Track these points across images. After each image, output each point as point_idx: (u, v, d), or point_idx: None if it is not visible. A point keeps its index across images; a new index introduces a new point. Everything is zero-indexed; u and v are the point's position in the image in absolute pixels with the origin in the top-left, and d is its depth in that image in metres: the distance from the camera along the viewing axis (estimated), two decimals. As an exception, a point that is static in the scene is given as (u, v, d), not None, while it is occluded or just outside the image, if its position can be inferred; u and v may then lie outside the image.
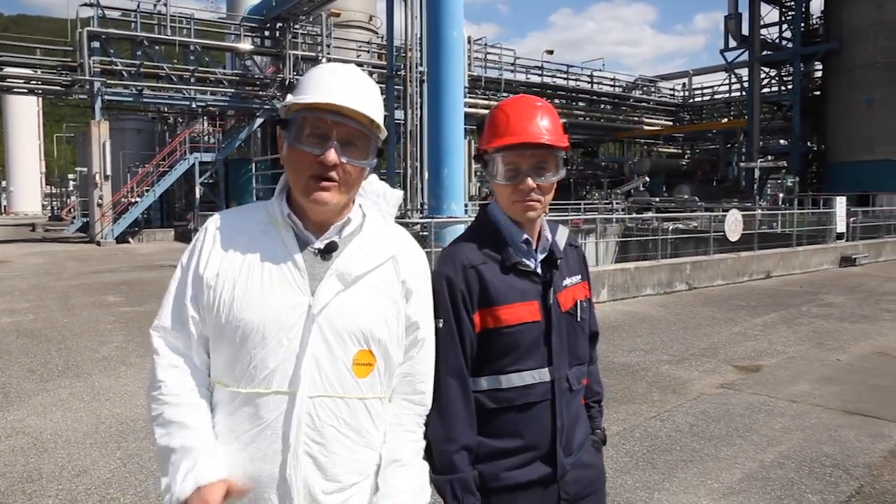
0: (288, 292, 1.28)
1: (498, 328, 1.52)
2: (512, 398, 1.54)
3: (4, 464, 4.01)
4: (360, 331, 1.30)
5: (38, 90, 26.25)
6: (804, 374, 6.10)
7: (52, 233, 31.54)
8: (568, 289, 1.63)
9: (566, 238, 1.70)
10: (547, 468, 1.56)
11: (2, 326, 8.36)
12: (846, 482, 3.77)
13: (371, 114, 1.30)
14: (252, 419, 1.26)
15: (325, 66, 1.36)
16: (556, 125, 1.56)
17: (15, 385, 5.76)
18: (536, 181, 1.53)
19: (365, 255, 1.35)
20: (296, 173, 1.31)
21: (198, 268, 1.32)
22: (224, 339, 1.29)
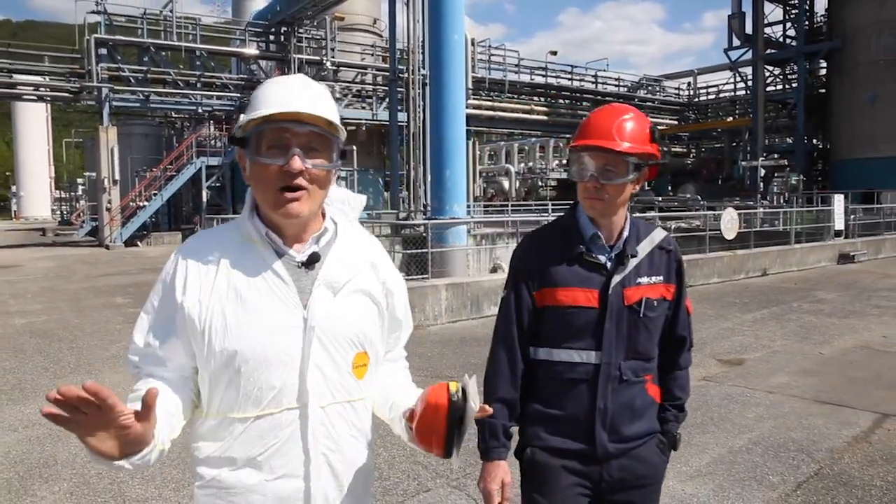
0: (281, 309, 1.28)
1: (555, 306, 1.68)
2: (560, 371, 1.69)
3: (23, 451, 4.33)
4: (355, 334, 1.34)
5: (46, 97, 26.71)
6: (785, 367, 6.33)
7: (61, 237, 32.03)
8: (641, 286, 1.70)
9: (660, 240, 1.77)
10: (584, 444, 1.67)
11: (16, 327, 8.71)
12: (807, 465, 4.01)
13: (327, 116, 1.29)
14: (265, 440, 1.27)
15: (272, 79, 1.36)
16: (637, 133, 1.64)
17: (30, 381, 6.08)
18: (601, 182, 1.64)
19: (346, 262, 1.37)
20: (262, 188, 1.29)
21: (174, 299, 1.29)
22: (219, 367, 1.27)
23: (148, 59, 25.57)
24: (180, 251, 1.35)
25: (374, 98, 30.13)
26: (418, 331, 8.32)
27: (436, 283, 8.89)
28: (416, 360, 6.64)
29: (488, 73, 35.01)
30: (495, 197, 42.47)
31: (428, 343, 7.55)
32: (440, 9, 15.50)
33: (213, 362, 1.26)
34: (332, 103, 1.34)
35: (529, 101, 36.55)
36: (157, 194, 26.44)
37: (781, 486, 3.73)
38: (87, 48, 23.97)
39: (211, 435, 1.29)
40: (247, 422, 1.26)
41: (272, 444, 1.26)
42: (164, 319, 1.29)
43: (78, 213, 42.94)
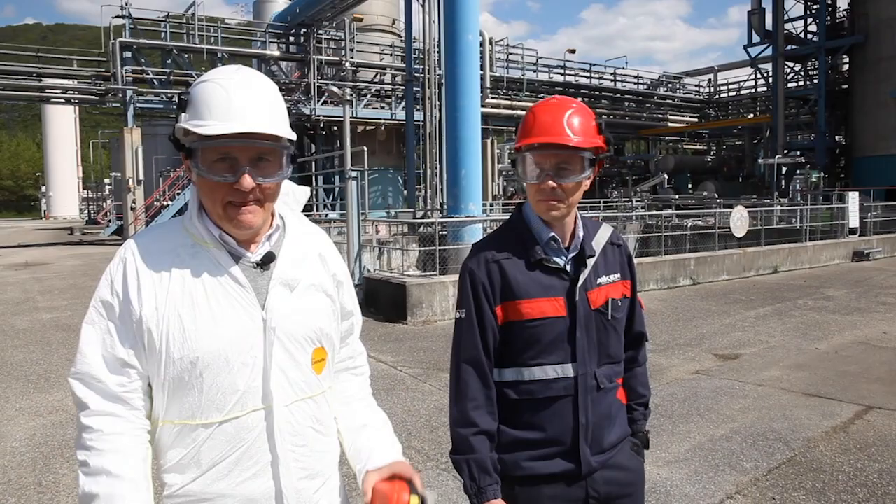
0: (239, 311, 1.27)
1: (520, 321, 1.56)
2: (534, 391, 1.57)
3: (47, 434, 4.68)
4: (313, 331, 1.34)
5: (74, 99, 27.46)
6: (779, 362, 6.46)
7: (88, 236, 32.87)
8: (602, 287, 1.63)
9: (608, 236, 1.70)
10: (569, 464, 1.57)
11: (43, 322, 9.14)
12: (782, 452, 4.19)
13: (276, 130, 1.24)
14: (230, 444, 1.25)
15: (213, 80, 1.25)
16: (586, 126, 1.55)
17: (55, 371, 6.47)
18: (558, 181, 1.54)
19: (298, 259, 1.36)
20: (211, 201, 1.26)
21: (129, 307, 1.24)
22: (178, 374, 1.23)
23: (171, 62, 26.15)
24: (126, 255, 1.28)
25: (392, 98, 30.44)
26: (425, 325, 8.58)
27: (443, 279, 9.14)
28: (420, 353, 6.97)
29: (506, 71, 35.12)
30: (516, 195, 42.60)
31: (433, 337, 7.80)
32: (454, 9, 15.71)
33: (171, 370, 1.23)
34: (280, 107, 1.28)
35: (547, 99, 36.54)
36: (180, 193, 27.04)
37: (753, 471, 3.91)
38: (112, 51, 24.62)
39: (173, 443, 1.26)
40: (211, 427, 1.24)
41: (239, 447, 1.25)
42: (123, 327, 1.24)
43: (104, 213, 44.00)
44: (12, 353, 7.26)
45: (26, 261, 18.83)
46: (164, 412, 1.26)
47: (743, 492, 3.64)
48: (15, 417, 5.08)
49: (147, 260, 1.27)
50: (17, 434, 4.70)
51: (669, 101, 42.63)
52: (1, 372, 6.48)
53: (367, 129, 30.21)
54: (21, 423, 4.93)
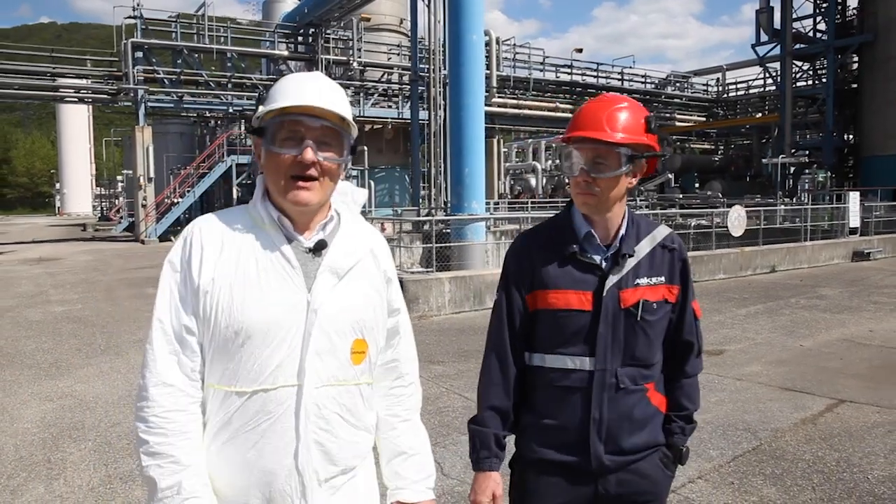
0: (286, 290, 1.33)
1: (547, 310, 1.61)
2: (553, 378, 1.62)
3: (56, 417, 4.98)
4: (355, 321, 1.39)
5: (87, 99, 27.93)
6: (761, 358, 6.66)
7: (100, 232, 33.39)
8: (639, 287, 1.61)
9: (662, 238, 1.68)
10: (577, 456, 1.59)
11: (55, 314, 9.49)
12: (748, 441, 4.40)
13: (341, 111, 1.36)
14: (259, 415, 1.31)
15: (291, 75, 1.42)
16: (631, 123, 1.56)
17: (65, 360, 6.79)
18: (592, 175, 1.56)
19: (349, 250, 1.42)
20: (275, 176, 1.36)
21: (190, 275, 1.34)
22: (224, 342, 1.32)
23: (181, 62, 26.54)
24: (192, 230, 1.39)
25: (399, 97, 30.70)
26: (422, 321, 8.83)
27: (440, 275, 9.39)
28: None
29: (513, 71, 35.25)
30: (522, 194, 42.71)
31: (428, 332, 8.05)
32: (459, 9, 15.91)
33: (217, 336, 1.32)
34: (345, 100, 1.41)
35: (554, 98, 36.71)
36: (190, 191, 27.44)
37: (718, 458, 4.13)
38: (123, 51, 25.04)
39: (216, 407, 1.34)
40: (244, 396, 1.31)
41: (266, 419, 1.31)
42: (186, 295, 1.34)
43: (116, 210, 44.56)
44: (25, 343, 7.59)
45: (40, 256, 19.26)
46: (209, 377, 1.35)
47: (705, 477, 3.86)
48: (27, 402, 5.39)
49: (210, 234, 1.37)
50: (28, 416, 5.01)
51: (677, 101, 42.62)
52: (14, 360, 6.80)
53: (375, 128, 30.49)
54: (33, 407, 5.24)
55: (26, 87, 25.01)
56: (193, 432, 1.31)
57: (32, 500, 3.63)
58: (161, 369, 1.31)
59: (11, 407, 5.26)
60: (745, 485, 3.74)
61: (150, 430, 1.29)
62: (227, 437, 1.33)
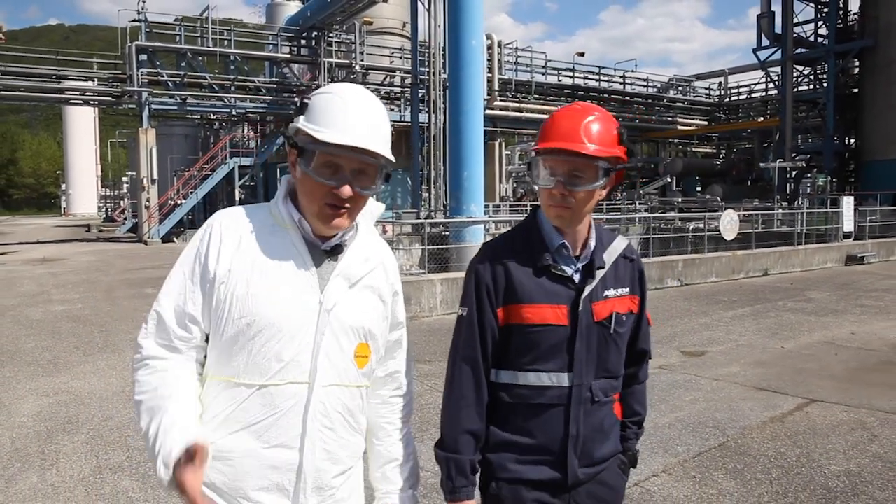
0: (300, 290, 1.37)
1: (521, 325, 1.55)
2: (526, 396, 1.57)
3: (52, 412, 5.18)
4: (361, 326, 1.43)
5: (92, 101, 28.25)
6: (741, 359, 6.81)
7: (104, 233, 33.70)
8: (608, 300, 1.61)
9: (622, 249, 1.68)
10: (556, 473, 1.57)
11: (55, 313, 9.71)
12: (715, 438, 4.56)
13: (381, 150, 1.37)
14: (266, 409, 1.34)
15: (336, 93, 1.39)
16: (605, 134, 1.53)
17: (63, 357, 7.00)
18: (569, 188, 1.52)
19: (362, 260, 1.46)
20: (309, 198, 1.39)
21: (207, 265, 1.37)
22: (235, 333, 1.35)
23: (185, 64, 26.84)
24: (213, 222, 1.43)
25: (402, 100, 30.91)
26: (413, 321, 9.00)
27: (431, 277, 9.57)
28: (403, 346, 7.36)
29: (515, 74, 35.44)
30: (525, 197, 42.90)
31: (418, 332, 8.23)
32: (458, 15, 16.13)
33: (230, 327, 1.35)
34: (387, 128, 1.42)
35: (556, 102, 36.86)
36: (193, 193, 27.71)
37: (684, 454, 4.29)
38: (128, 54, 25.34)
39: (214, 398, 1.37)
40: (252, 388, 1.34)
41: (272, 413, 1.34)
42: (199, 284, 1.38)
43: (121, 211, 44.93)
44: (25, 341, 7.81)
45: (43, 256, 19.52)
46: (214, 368, 1.39)
47: (668, 471, 4.03)
48: (24, 397, 5.59)
49: (231, 229, 1.41)
50: (25, 411, 5.22)
51: (679, 104, 42.73)
52: (14, 357, 7.02)
53: (377, 131, 30.69)
54: (30, 402, 5.44)
55: (33, 89, 25.36)
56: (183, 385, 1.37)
57: (26, 488, 3.82)
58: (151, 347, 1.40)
59: (9, 402, 5.46)
60: (706, 479, 3.90)
61: (143, 390, 1.37)
62: (230, 429, 1.35)
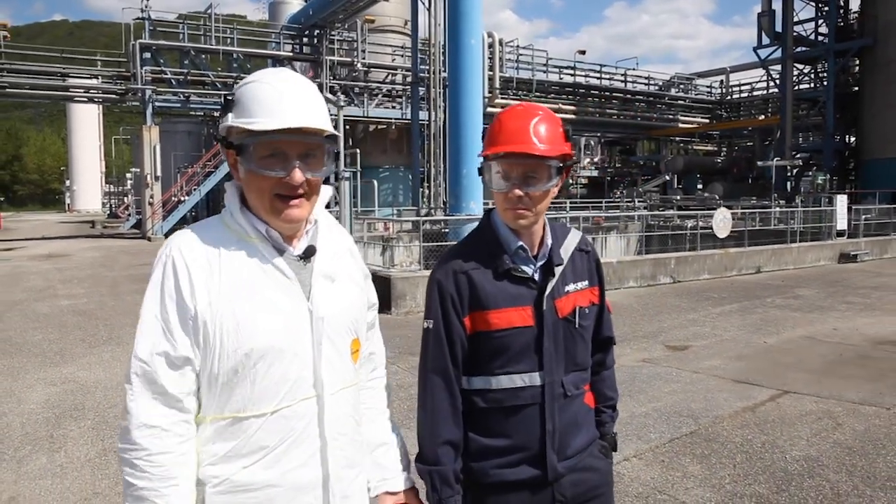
0: (288, 303, 1.30)
1: (488, 331, 1.56)
2: (501, 399, 1.58)
3: (59, 399, 5.46)
4: (351, 321, 1.41)
5: (96, 98, 28.53)
6: (723, 353, 7.04)
7: (109, 229, 34.01)
8: (569, 295, 1.63)
9: (576, 243, 1.70)
10: (536, 470, 1.59)
11: (61, 307, 10.00)
12: (687, 426, 4.80)
13: (323, 125, 1.29)
14: (280, 433, 1.28)
15: (261, 80, 1.30)
16: (552, 134, 1.55)
17: (69, 349, 7.28)
18: (525, 190, 1.53)
19: (333, 252, 1.42)
20: (259, 196, 1.30)
21: (183, 301, 1.25)
22: (234, 367, 1.25)
23: (188, 62, 27.10)
24: (172, 253, 1.29)
25: (403, 97, 31.11)
26: (408, 316, 9.26)
27: (426, 273, 9.75)
28: (397, 339, 7.66)
29: (516, 72, 35.58)
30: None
31: (412, 327, 8.48)
32: (458, 14, 16.35)
33: (226, 362, 1.25)
34: (323, 105, 1.34)
35: (557, 100, 37.04)
36: (196, 189, 27.98)
37: (656, 440, 4.54)
38: (132, 52, 25.61)
39: (222, 436, 1.27)
40: (262, 417, 1.27)
41: (289, 436, 1.28)
42: (179, 325, 1.25)
43: (125, 207, 45.25)
44: (33, 334, 8.10)
45: (49, 252, 19.83)
46: (213, 408, 1.28)
47: (639, 456, 4.27)
48: (33, 386, 5.88)
49: (194, 255, 1.28)
50: (34, 398, 5.50)
51: (681, 103, 42.83)
52: (23, 349, 7.31)
53: (379, 128, 30.98)
54: (38, 391, 5.72)
55: (38, 86, 25.62)
56: (181, 478, 1.24)
57: (36, 468, 4.09)
58: (143, 411, 1.23)
59: (19, 390, 5.74)
60: (674, 463, 4.14)
61: (135, 474, 1.22)
62: (243, 463, 1.27)
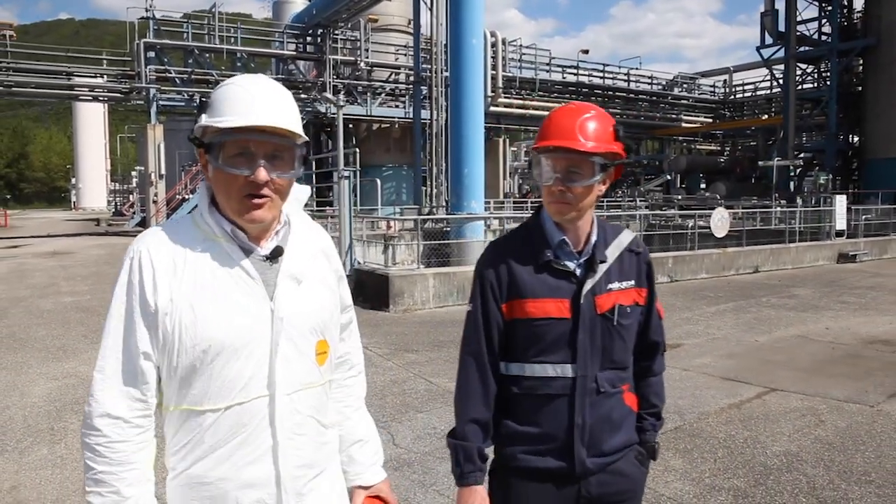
0: (249, 302, 1.32)
1: (525, 320, 1.62)
2: (533, 387, 1.63)
3: (60, 393, 5.61)
4: (317, 323, 1.40)
5: (101, 97, 28.75)
6: (714, 351, 7.14)
7: (113, 227, 34.27)
8: (612, 292, 1.65)
9: (628, 243, 1.72)
10: (562, 462, 1.61)
11: (65, 304, 10.16)
12: (673, 422, 4.90)
13: (292, 127, 1.31)
14: (235, 429, 1.30)
15: (235, 83, 1.34)
16: (601, 131, 1.59)
17: (72, 345, 7.44)
18: (567, 185, 1.58)
19: (303, 253, 1.42)
20: (226, 194, 1.32)
21: (144, 297, 1.29)
22: (191, 361, 1.29)
23: (192, 61, 27.27)
24: (139, 249, 1.33)
25: (406, 96, 31.21)
26: (406, 314, 9.38)
27: (424, 271, 9.93)
28: (393, 336, 7.78)
29: (520, 71, 35.66)
30: (530, 193, 43.15)
31: (409, 324, 8.60)
32: (459, 14, 16.45)
33: (184, 357, 1.29)
34: (295, 110, 1.36)
35: (560, 99, 37.10)
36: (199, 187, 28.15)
37: (641, 435, 4.63)
38: (136, 51, 25.81)
39: (179, 428, 1.32)
40: (217, 412, 1.30)
41: (241, 432, 1.31)
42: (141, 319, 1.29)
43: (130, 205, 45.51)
44: (36, 330, 8.26)
45: (54, 250, 20.03)
46: (174, 399, 1.32)
47: (624, 449, 4.37)
48: (36, 380, 6.02)
49: (160, 254, 1.32)
50: (37, 392, 5.64)
51: (684, 102, 42.83)
52: (26, 344, 7.46)
53: (382, 127, 31.10)
54: (41, 385, 5.86)
55: (44, 85, 25.87)
56: (139, 462, 1.29)
57: (37, 459, 4.22)
58: (107, 400, 1.28)
59: (22, 384, 5.88)
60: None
61: (95, 458, 1.27)
62: (198, 456, 1.31)
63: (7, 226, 35.29)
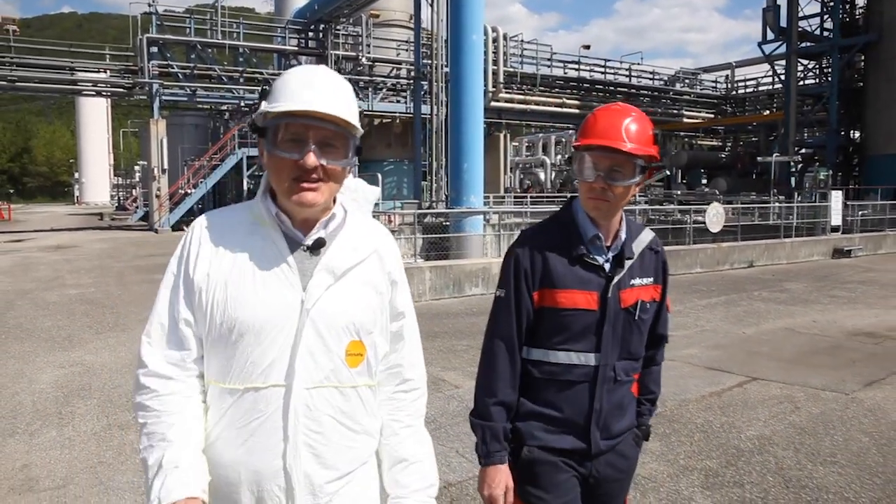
0: (281, 289, 1.32)
1: (554, 308, 1.69)
2: (556, 373, 1.72)
3: (67, 380, 5.82)
4: (350, 323, 1.36)
5: (104, 92, 28.95)
6: (701, 343, 7.32)
7: (116, 221, 34.51)
8: (634, 288, 1.74)
9: (648, 241, 1.80)
10: (581, 443, 1.73)
11: (70, 296, 10.39)
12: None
13: (345, 115, 1.32)
14: (250, 413, 1.31)
15: (296, 71, 1.37)
16: (642, 134, 1.65)
17: (77, 335, 7.66)
18: (609, 183, 1.65)
19: (351, 250, 1.39)
20: (277, 177, 1.34)
21: (188, 271, 1.35)
22: (218, 338, 1.32)
23: (195, 56, 27.46)
24: (195, 226, 1.41)
25: (408, 92, 31.34)
26: (403, 307, 9.57)
27: (421, 264, 10.14)
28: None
29: (521, 66, 35.73)
30: (531, 188, 43.28)
31: (406, 316, 8.80)
32: (459, 10, 16.60)
33: (214, 332, 1.33)
34: (352, 100, 1.38)
35: (561, 94, 37.22)
36: (202, 182, 28.38)
37: (623, 420, 4.84)
38: (139, 47, 25.99)
39: (212, 402, 1.35)
40: (236, 394, 1.31)
41: (257, 417, 1.31)
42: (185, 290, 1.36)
43: (133, 199, 45.78)
44: (42, 321, 8.48)
45: (58, 243, 20.27)
46: (207, 371, 1.37)
47: (605, 433, 4.57)
48: (43, 368, 6.24)
49: (210, 232, 1.39)
50: (44, 379, 5.86)
51: (686, 97, 42.89)
52: (33, 335, 7.68)
53: (384, 122, 31.25)
54: (48, 372, 6.08)
55: (47, 80, 26.07)
56: (188, 411, 1.33)
57: (46, 440, 4.44)
58: (152, 362, 1.34)
59: (30, 372, 6.10)
60: (636, 440, 4.44)
61: (146, 414, 1.33)
62: (220, 432, 1.33)
63: (11, 220, 35.58)
